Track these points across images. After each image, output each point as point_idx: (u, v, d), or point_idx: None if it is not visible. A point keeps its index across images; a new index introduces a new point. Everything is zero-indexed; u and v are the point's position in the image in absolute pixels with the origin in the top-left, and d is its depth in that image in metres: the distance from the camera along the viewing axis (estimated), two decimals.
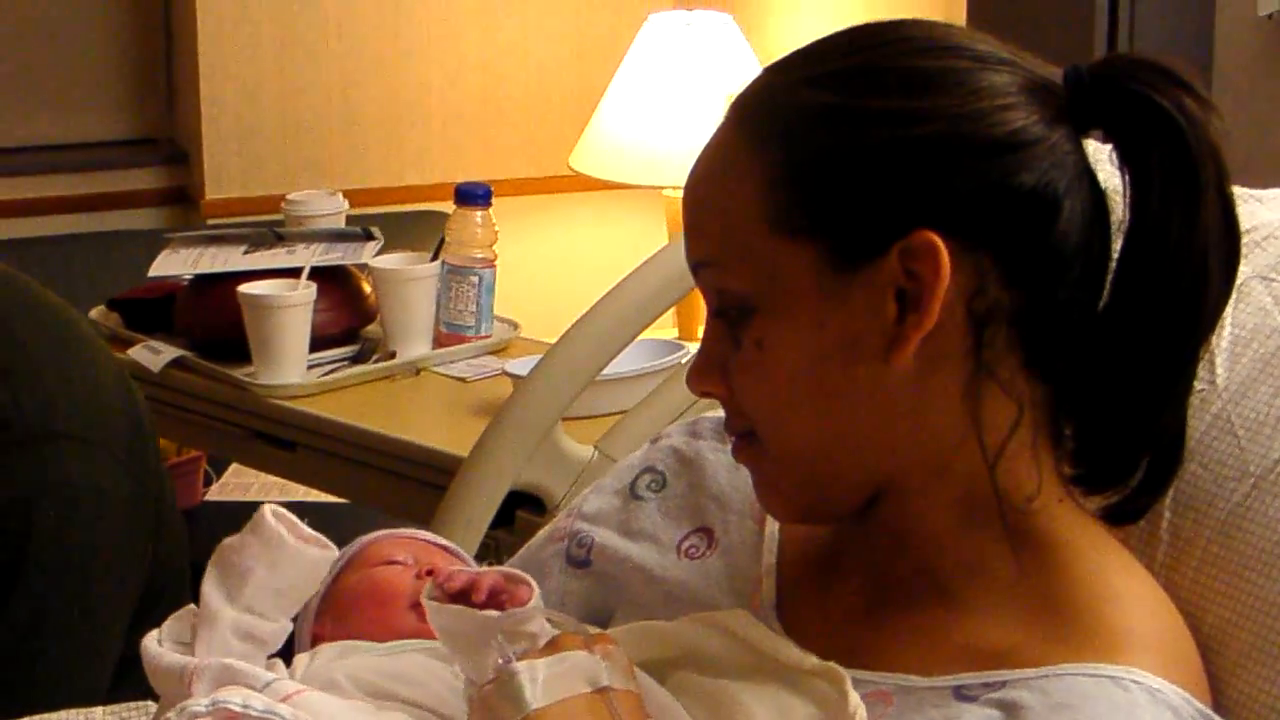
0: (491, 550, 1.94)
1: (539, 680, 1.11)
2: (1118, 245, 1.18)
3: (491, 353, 2.76)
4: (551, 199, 4.13)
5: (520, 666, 1.11)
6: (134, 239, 3.75)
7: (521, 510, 2.07)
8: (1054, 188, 1.14)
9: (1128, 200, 1.17)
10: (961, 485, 1.18)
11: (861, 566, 1.24)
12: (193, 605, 1.32)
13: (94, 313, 2.90)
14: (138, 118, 4.22)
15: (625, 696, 1.13)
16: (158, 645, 1.29)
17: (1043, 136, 1.14)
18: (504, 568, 1.26)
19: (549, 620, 1.23)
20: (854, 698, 1.13)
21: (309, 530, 1.31)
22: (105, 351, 2.15)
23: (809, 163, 1.14)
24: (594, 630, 1.21)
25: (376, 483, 2.51)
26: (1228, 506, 1.25)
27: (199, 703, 1.16)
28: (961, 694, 1.13)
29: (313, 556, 1.30)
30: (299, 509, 3.12)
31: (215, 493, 3.47)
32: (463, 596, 1.17)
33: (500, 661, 1.14)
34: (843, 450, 1.18)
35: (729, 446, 1.31)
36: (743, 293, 1.16)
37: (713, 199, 1.18)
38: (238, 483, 3.49)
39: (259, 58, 3.99)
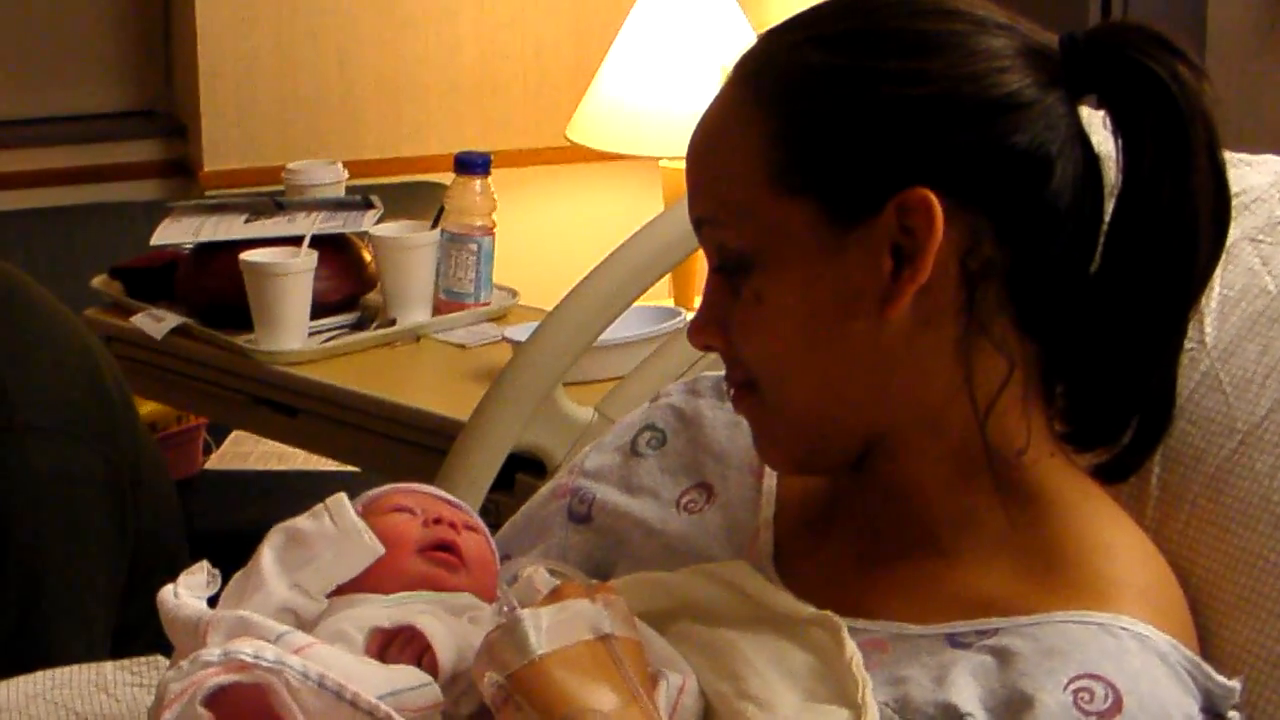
0: (492, 513, 1.95)
1: (543, 627, 1.13)
2: (1110, 209, 1.21)
3: (491, 320, 2.77)
4: (549, 170, 4.14)
5: (524, 614, 1.14)
6: (134, 210, 3.76)
7: (522, 474, 2.09)
8: (1047, 149, 1.17)
9: (1120, 165, 1.20)
10: (954, 439, 1.21)
11: (857, 519, 1.27)
12: (205, 562, 1.34)
13: (96, 281, 2.91)
14: (136, 90, 4.22)
15: (627, 644, 1.16)
16: (174, 597, 1.30)
17: (1037, 99, 1.17)
18: None
19: (552, 572, 1.26)
20: (850, 645, 1.16)
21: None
22: (72, 331, 2.12)
23: (809, 122, 1.17)
24: (596, 582, 1.24)
25: (377, 447, 2.53)
26: (1215, 462, 1.28)
27: (211, 652, 1.17)
28: (955, 641, 1.16)
29: (375, 554, 1.32)
30: (302, 478, 3.13)
31: (215, 461, 3.47)
32: None
33: (505, 610, 1.16)
34: (839, 402, 1.20)
35: (728, 404, 1.34)
36: (743, 249, 1.19)
37: (715, 157, 1.21)
38: (237, 451, 3.49)
39: (257, 30, 3.99)
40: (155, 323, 2.71)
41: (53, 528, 1.94)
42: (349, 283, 2.74)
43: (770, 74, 1.20)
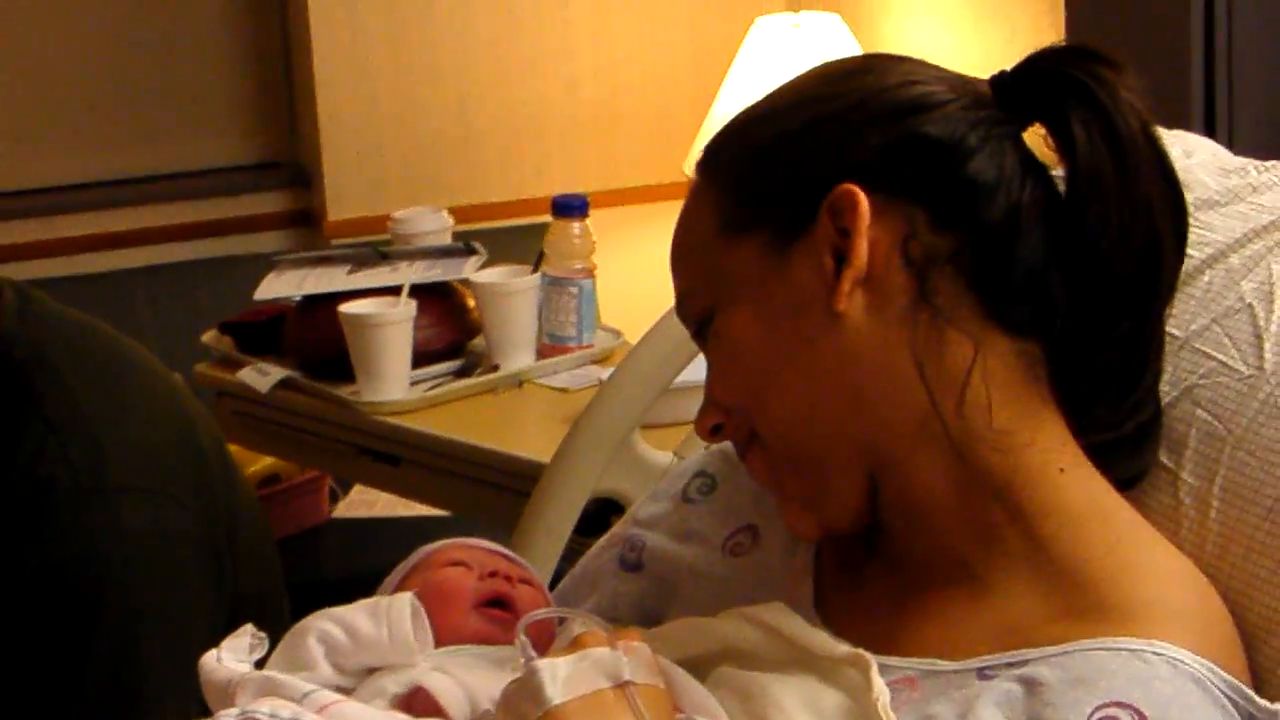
0: (579, 558, 1.95)
1: (559, 677, 1.13)
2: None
3: (595, 362, 2.77)
4: (670, 206, 4.13)
5: (541, 664, 1.14)
6: (258, 263, 3.80)
7: (616, 517, 2.08)
8: (963, 137, 1.20)
9: (1065, 171, 1.22)
10: (946, 444, 1.20)
11: (888, 556, 1.26)
12: (250, 626, 1.34)
13: (206, 336, 2.95)
14: (261, 142, 4.28)
15: (648, 691, 1.15)
16: (215, 661, 1.31)
17: (949, 100, 1.21)
18: None
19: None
20: (878, 684, 1.15)
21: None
22: (168, 391, 2.12)
23: (743, 165, 1.24)
24: (633, 629, 1.24)
25: (479, 495, 2.53)
26: (1275, 493, 1.23)
27: (229, 713, 1.18)
28: (984, 674, 1.15)
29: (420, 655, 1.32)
30: (428, 524, 3.15)
31: (342, 509, 3.51)
32: None
33: (523, 660, 1.16)
34: (822, 420, 1.21)
35: None
36: (705, 305, 1.25)
37: (681, 239, 1.28)
38: (363, 499, 3.52)
39: (375, 78, 4.03)
40: (261, 376, 2.74)
41: (147, 587, 1.94)
42: (451, 330, 2.75)
43: (715, 150, 1.28)
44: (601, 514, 1.99)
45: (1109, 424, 1.24)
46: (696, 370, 2.07)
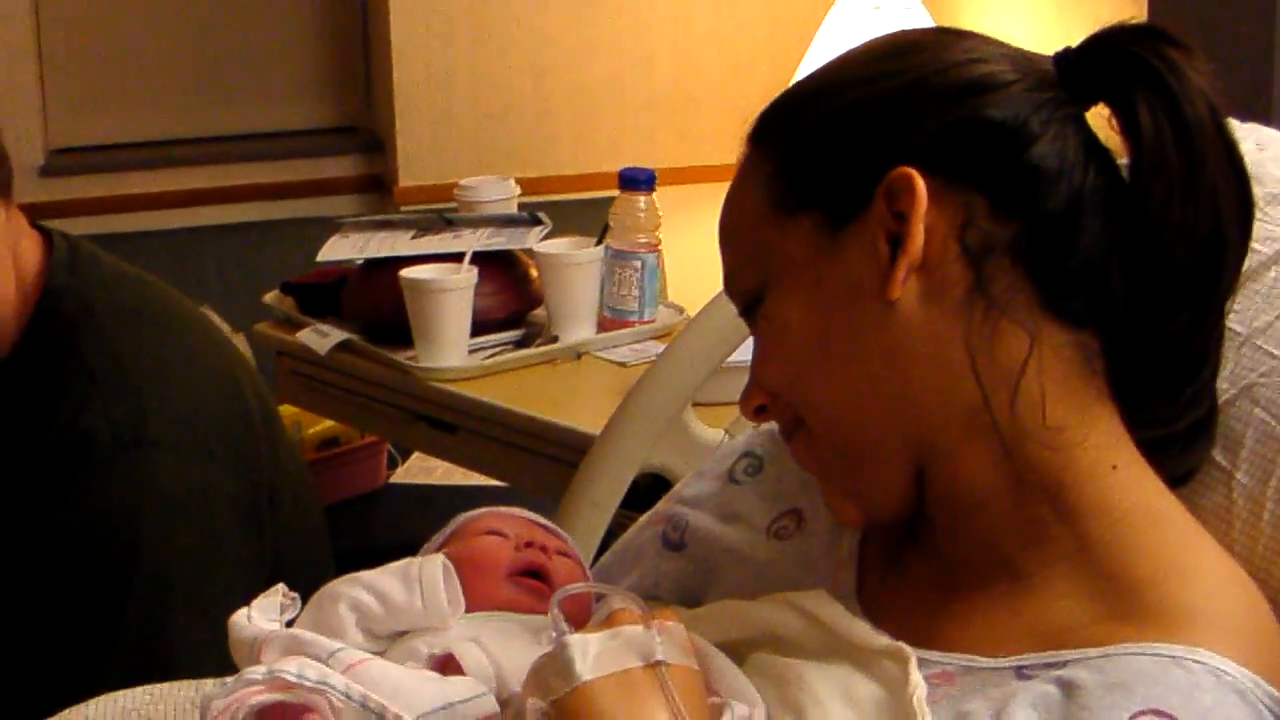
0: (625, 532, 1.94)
1: (590, 654, 1.11)
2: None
3: (655, 338, 2.75)
4: None
5: (573, 639, 1.12)
6: (326, 226, 3.81)
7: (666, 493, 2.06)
8: (1025, 120, 1.16)
9: (1128, 152, 1.18)
10: (995, 438, 1.17)
11: (932, 548, 1.24)
12: (282, 585, 1.34)
13: (268, 297, 2.95)
14: (337, 107, 4.30)
15: (680, 672, 1.13)
16: (245, 619, 1.30)
17: (1012, 81, 1.17)
18: None
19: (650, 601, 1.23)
20: (915, 678, 1.12)
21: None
22: (219, 351, 2.10)
23: (800, 142, 1.20)
24: (670, 608, 1.22)
25: (534, 466, 2.52)
26: None
27: (256, 670, 1.17)
28: (1023, 674, 1.12)
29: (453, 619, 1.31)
30: (484, 493, 3.15)
31: (400, 475, 3.51)
32: None
33: (554, 634, 1.14)
34: (871, 408, 1.18)
35: None
36: (754, 285, 1.21)
37: (730, 215, 1.24)
38: (421, 466, 3.52)
39: (451, 47, 4.03)
40: (320, 338, 2.73)
41: (183, 545, 1.92)
42: (513, 300, 2.73)
43: (768, 122, 1.24)
44: (654, 490, 1.98)
45: (1163, 419, 1.21)
46: (750, 350, 2.07)
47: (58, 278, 1.99)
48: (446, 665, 1.24)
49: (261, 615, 1.30)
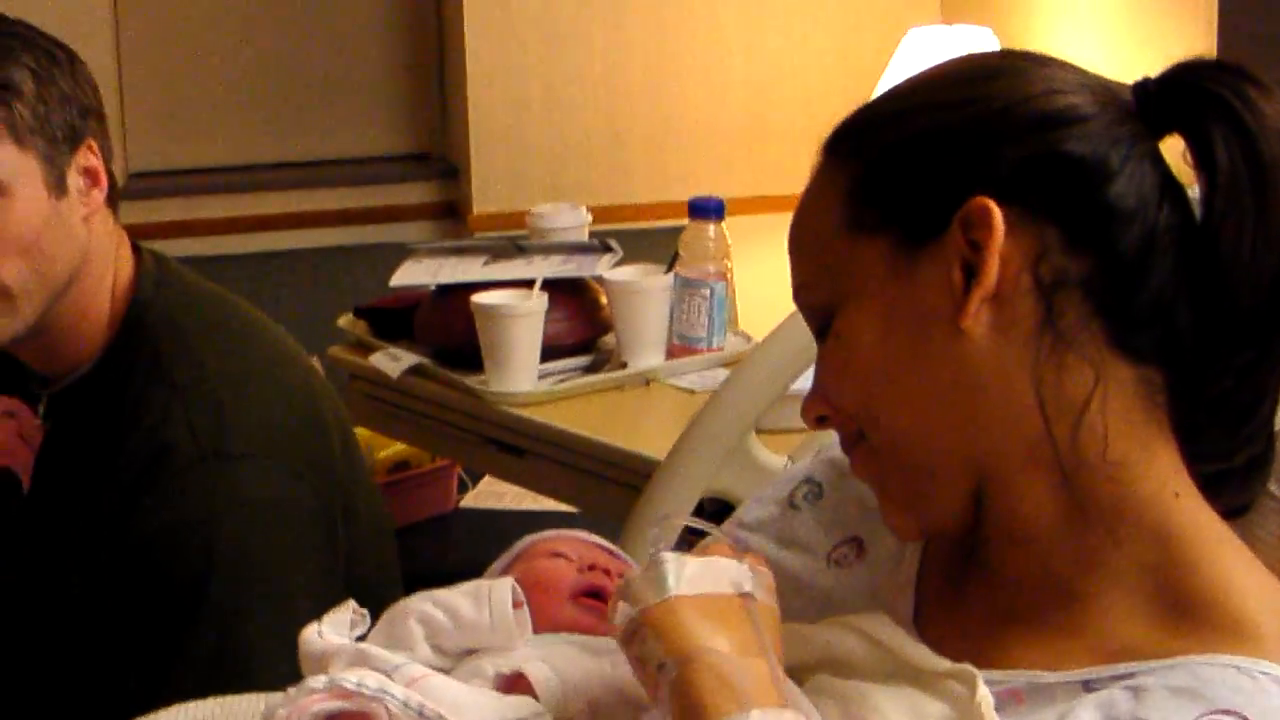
0: None
1: (684, 574, 1.15)
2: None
3: (723, 365, 2.76)
4: None
5: (669, 556, 1.16)
6: (400, 251, 3.84)
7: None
8: (1105, 155, 1.17)
9: (1200, 188, 1.18)
10: (1056, 470, 1.18)
11: (991, 573, 1.25)
12: (352, 602, 1.37)
13: (342, 320, 2.99)
14: (412, 134, 4.34)
15: (765, 609, 1.17)
16: (315, 634, 1.33)
17: (1092, 115, 1.18)
18: None
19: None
20: (983, 689, 1.14)
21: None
22: (297, 367, 2.13)
23: (878, 162, 1.21)
24: (760, 554, 1.26)
25: (603, 490, 2.54)
26: None
27: (318, 679, 1.20)
28: (1090, 687, 1.14)
29: (520, 640, 1.34)
30: (552, 518, 3.15)
31: (470, 500, 3.53)
32: None
33: (651, 552, 1.18)
34: (935, 432, 1.20)
35: None
36: (825, 302, 1.22)
37: (803, 226, 1.25)
38: (491, 490, 3.54)
39: (526, 77, 4.07)
40: (392, 361, 2.76)
41: (259, 555, 1.95)
42: (582, 326, 2.76)
43: (847, 136, 1.25)
44: (720, 515, 2.00)
45: (1220, 453, 1.22)
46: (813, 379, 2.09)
47: (145, 290, 2.04)
48: (513, 685, 1.26)
49: (332, 630, 1.34)
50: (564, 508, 3.17)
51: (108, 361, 2.03)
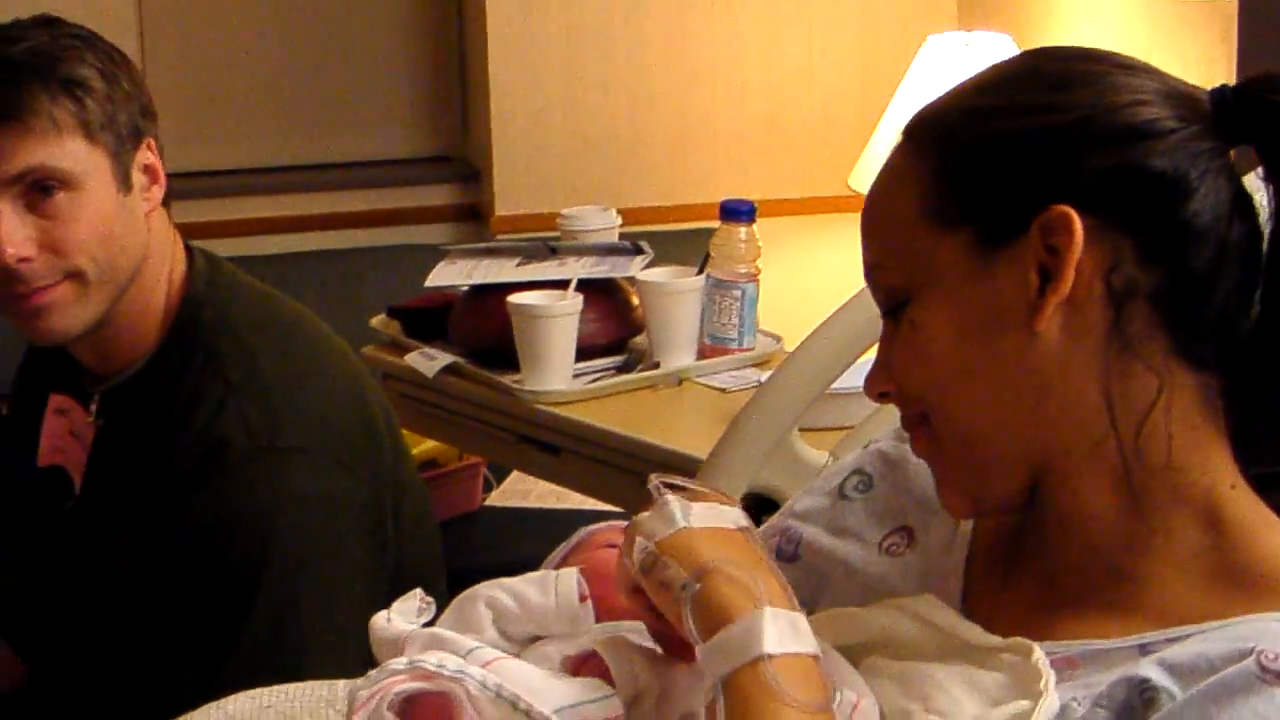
0: None
1: (691, 511, 1.22)
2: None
3: (754, 365, 2.80)
4: (833, 218, 4.18)
5: (674, 499, 1.23)
6: (425, 253, 3.87)
7: (768, 515, 2.12)
8: (1185, 172, 1.20)
9: (1269, 204, 1.21)
10: (1117, 468, 1.22)
11: (1042, 558, 1.28)
12: (419, 590, 1.40)
13: (375, 320, 3.02)
14: (433, 137, 4.37)
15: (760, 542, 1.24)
16: (385, 621, 1.37)
17: (1175, 129, 1.21)
18: None
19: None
20: (1038, 651, 1.18)
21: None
22: (344, 364, 2.16)
23: (960, 157, 1.24)
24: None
25: (634, 487, 2.56)
26: None
27: (399, 661, 1.23)
28: (1146, 650, 1.18)
29: (587, 625, 1.37)
30: (579, 516, 3.17)
31: (496, 498, 3.56)
32: None
33: (656, 494, 1.24)
34: (1000, 426, 1.23)
35: None
36: (901, 284, 1.25)
37: (881, 207, 1.28)
38: (516, 489, 3.57)
39: (547, 79, 4.10)
40: (428, 361, 2.80)
41: (311, 549, 1.98)
42: (616, 326, 2.79)
43: (931, 124, 1.27)
44: (760, 511, 2.03)
45: (1272, 456, 1.26)
46: (854, 377, 2.12)
47: (198, 288, 2.07)
48: (580, 666, 1.30)
49: (400, 617, 1.37)
50: (589, 505, 3.21)
51: (161, 358, 2.06)
